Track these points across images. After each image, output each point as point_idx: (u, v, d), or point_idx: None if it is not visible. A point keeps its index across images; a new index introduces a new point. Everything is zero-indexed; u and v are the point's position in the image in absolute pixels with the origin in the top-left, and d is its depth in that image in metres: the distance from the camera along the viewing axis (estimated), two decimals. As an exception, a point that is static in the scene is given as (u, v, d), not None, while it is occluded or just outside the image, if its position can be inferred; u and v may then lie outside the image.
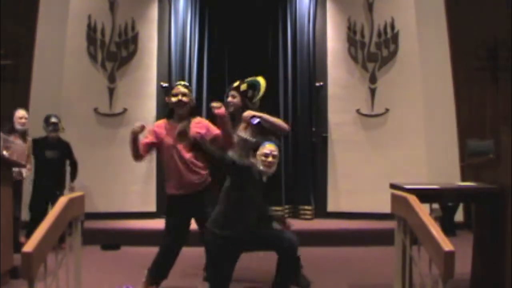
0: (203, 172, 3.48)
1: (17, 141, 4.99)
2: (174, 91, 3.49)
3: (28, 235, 4.86)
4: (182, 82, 3.63)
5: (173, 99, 3.46)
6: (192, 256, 4.05)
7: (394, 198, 2.84)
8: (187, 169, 3.41)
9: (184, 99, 3.45)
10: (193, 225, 3.55)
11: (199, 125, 3.51)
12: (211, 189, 3.53)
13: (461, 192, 3.47)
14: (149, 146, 3.51)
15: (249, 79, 3.97)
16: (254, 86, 3.90)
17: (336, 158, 6.39)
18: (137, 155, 3.47)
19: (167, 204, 3.58)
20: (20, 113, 5.05)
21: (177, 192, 3.44)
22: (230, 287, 3.10)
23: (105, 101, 6.25)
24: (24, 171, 4.91)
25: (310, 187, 6.35)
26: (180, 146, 3.41)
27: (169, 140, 3.44)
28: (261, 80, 3.95)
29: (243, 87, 3.88)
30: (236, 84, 3.91)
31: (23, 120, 5.03)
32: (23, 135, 5.08)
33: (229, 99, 3.86)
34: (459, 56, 6.47)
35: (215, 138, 3.47)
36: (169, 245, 3.48)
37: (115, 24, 6.31)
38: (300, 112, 6.38)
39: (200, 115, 4.17)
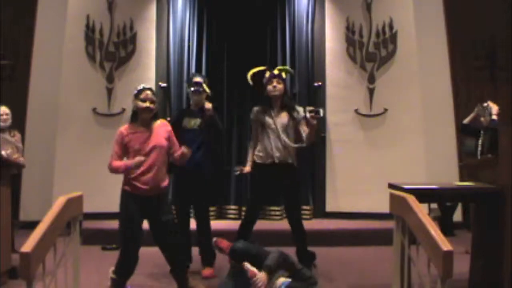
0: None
1: (11, 139, 4.99)
2: (143, 96, 3.48)
3: None
4: (148, 86, 3.62)
5: (142, 105, 3.47)
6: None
7: (393, 198, 2.84)
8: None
9: (152, 106, 3.49)
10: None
11: (163, 131, 3.54)
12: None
13: (459, 192, 3.48)
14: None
15: (284, 67, 4.29)
16: (291, 74, 4.29)
17: (334, 158, 6.39)
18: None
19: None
20: (1, 109, 5.04)
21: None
22: None
23: (103, 101, 6.24)
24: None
25: (309, 187, 6.35)
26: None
27: (134, 145, 3.45)
28: (290, 69, 4.28)
29: (284, 74, 4.12)
30: (277, 71, 4.12)
31: (4, 117, 5.02)
32: (9, 131, 5.07)
33: (275, 83, 4.05)
34: (457, 55, 6.48)
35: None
36: None
37: (114, 24, 6.30)
38: (298, 112, 6.37)
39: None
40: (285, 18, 6.48)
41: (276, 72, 4.11)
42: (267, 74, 4.14)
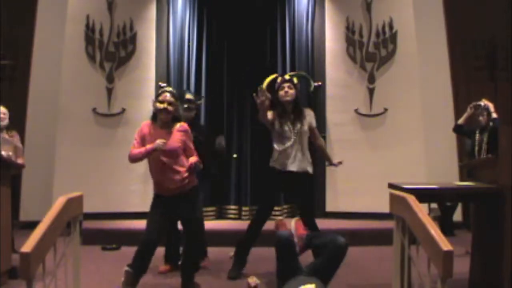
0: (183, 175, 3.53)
1: (10, 139, 4.99)
2: (161, 97, 3.52)
3: None
4: (169, 89, 3.64)
5: (159, 106, 3.50)
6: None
7: (393, 198, 2.84)
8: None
9: (170, 108, 3.50)
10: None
11: (180, 134, 3.54)
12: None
13: (459, 192, 3.48)
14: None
15: (295, 73, 4.36)
16: (303, 78, 4.32)
17: (334, 158, 6.34)
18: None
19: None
20: None
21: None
22: None
23: (103, 101, 6.24)
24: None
25: (309, 187, 6.34)
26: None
27: (149, 143, 3.48)
28: (303, 73, 4.39)
29: (296, 80, 4.13)
30: (288, 77, 4.14)
31: (1, 116, 5.02)
32: (7, 130, 5.07)
33: (286, 89, 4.05)
34: (457, 55, 6.49)
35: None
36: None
37: (114, 24, 6.30)
38: (298, 112, 6.37)
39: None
40: (285, 18, 6.49)
41: (287, 77, 4.13)
42: (279, 79, 4.17)
